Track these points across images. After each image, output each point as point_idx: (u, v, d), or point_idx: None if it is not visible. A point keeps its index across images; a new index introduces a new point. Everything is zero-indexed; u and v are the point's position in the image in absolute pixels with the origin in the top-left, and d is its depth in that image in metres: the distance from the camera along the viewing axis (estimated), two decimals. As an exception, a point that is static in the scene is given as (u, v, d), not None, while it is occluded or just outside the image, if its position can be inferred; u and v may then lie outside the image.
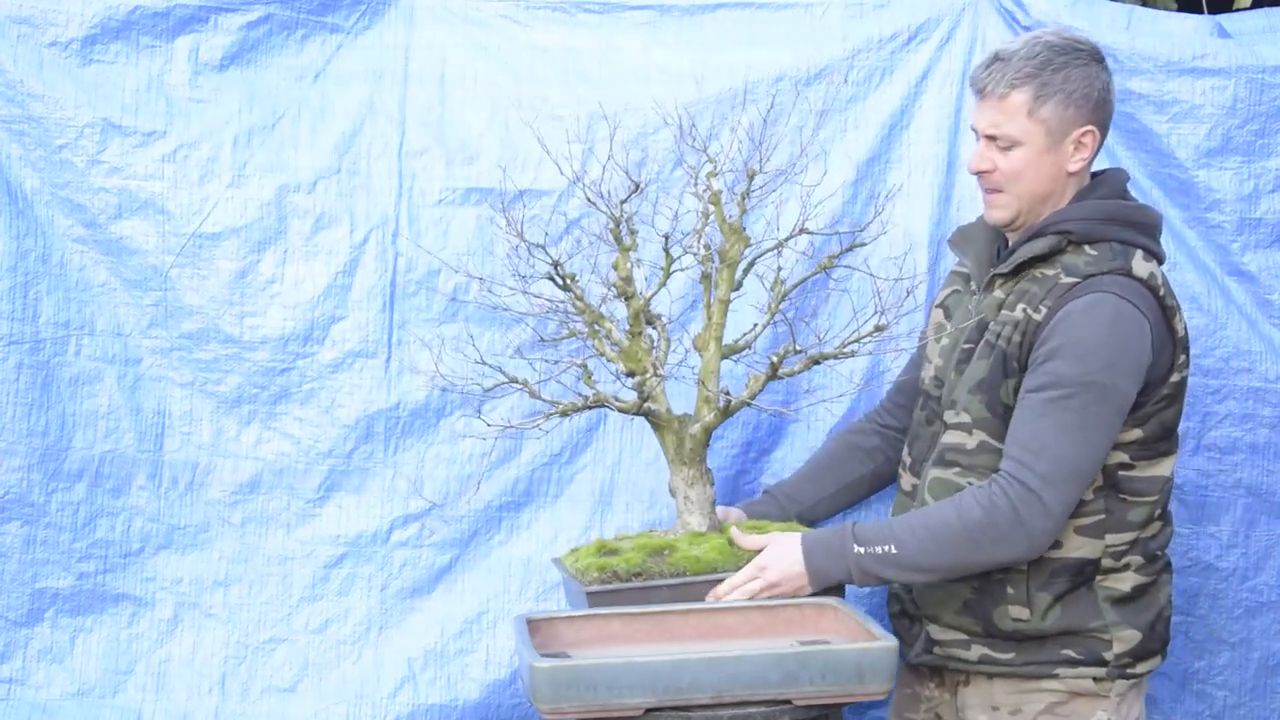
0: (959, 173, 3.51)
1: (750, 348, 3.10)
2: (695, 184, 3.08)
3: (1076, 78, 2.87)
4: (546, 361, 3.13)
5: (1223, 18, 3.62)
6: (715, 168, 3.08)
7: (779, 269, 3.09)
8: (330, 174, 3.50)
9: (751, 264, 3.10)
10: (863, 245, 3.15)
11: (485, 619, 3.45)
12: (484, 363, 3.07)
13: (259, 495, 3.47)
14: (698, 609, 2.86)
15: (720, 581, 2.92)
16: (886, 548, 2.83)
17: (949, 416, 2.96)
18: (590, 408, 3.04)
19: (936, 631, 2.99)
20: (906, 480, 3.08)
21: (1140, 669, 2.93)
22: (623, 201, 3.07)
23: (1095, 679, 2.90)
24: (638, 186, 3.08)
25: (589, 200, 3.10)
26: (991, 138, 2.91)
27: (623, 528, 3.47)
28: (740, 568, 2.93)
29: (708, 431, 3.03)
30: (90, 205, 3.45)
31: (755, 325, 3.10)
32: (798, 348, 3.00)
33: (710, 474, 3.06)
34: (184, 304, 3.47)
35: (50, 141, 3.44)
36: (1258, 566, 3.49)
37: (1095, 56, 2.92)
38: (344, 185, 3.50)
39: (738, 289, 3.07)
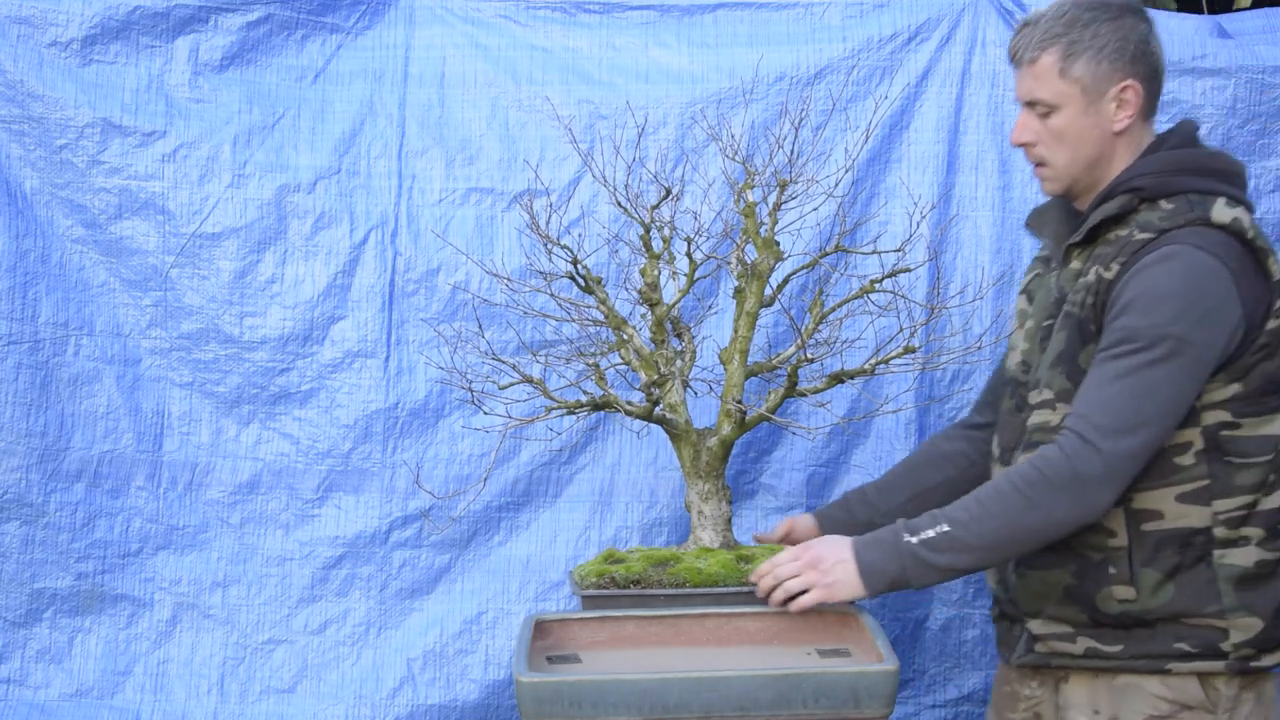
0: (959, 173, 3.51)
1: (782, 368, 3.02)
2: (736, 200, 3.03)
3: (1107, 32, 2.73)
4: (556, 358, 3.12)
5: (1223, 18, 3.62)
6: (751, 179, 3.02)
7: (820, 292, 3.02)
8: (330, 174, 3.50)
9: (786, 281, 3.07)
10: (908, 270, 3.08)
11: (484, 619, 3.45)
12: (500, 359, 3.05)
13: (258, 496, 3.47)
14: (714, 613, 2.79)
15: (722, 596, 2.84)
16: (939, 528, 2.66)
17: (1033, 397, 2.80)
18: (600, 408, 2.99)
19: (1038, 627, 2.80)
20: (996, 471, 2.92)
21: (1265, 661, 2.71)
22: (654, 207, 3.04)
23: (1210, 674, 2.70)
24: (668, 192, 3.04)
25: (619, 205, 3.07)
26: (1030, 105, 2.79)
27: (622, 528, 3.47)
28: (744, 581, 2.84)
29: (726, 445, 2.95)
30: (90, 205, 3.45)
31: (789, 346, 3.02)
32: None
33: (728, 490, 2.99)
34: (184, 304, 3.47)
35: (50, 141, 3.44)
36: (1258, 567, 3.48)
37: (1129, 9, 2.77)
38: (344, 185, 3.51)
39: (768, 305, 3.02)
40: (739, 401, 2.94)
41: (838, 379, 2.99)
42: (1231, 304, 2.64)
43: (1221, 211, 2.67)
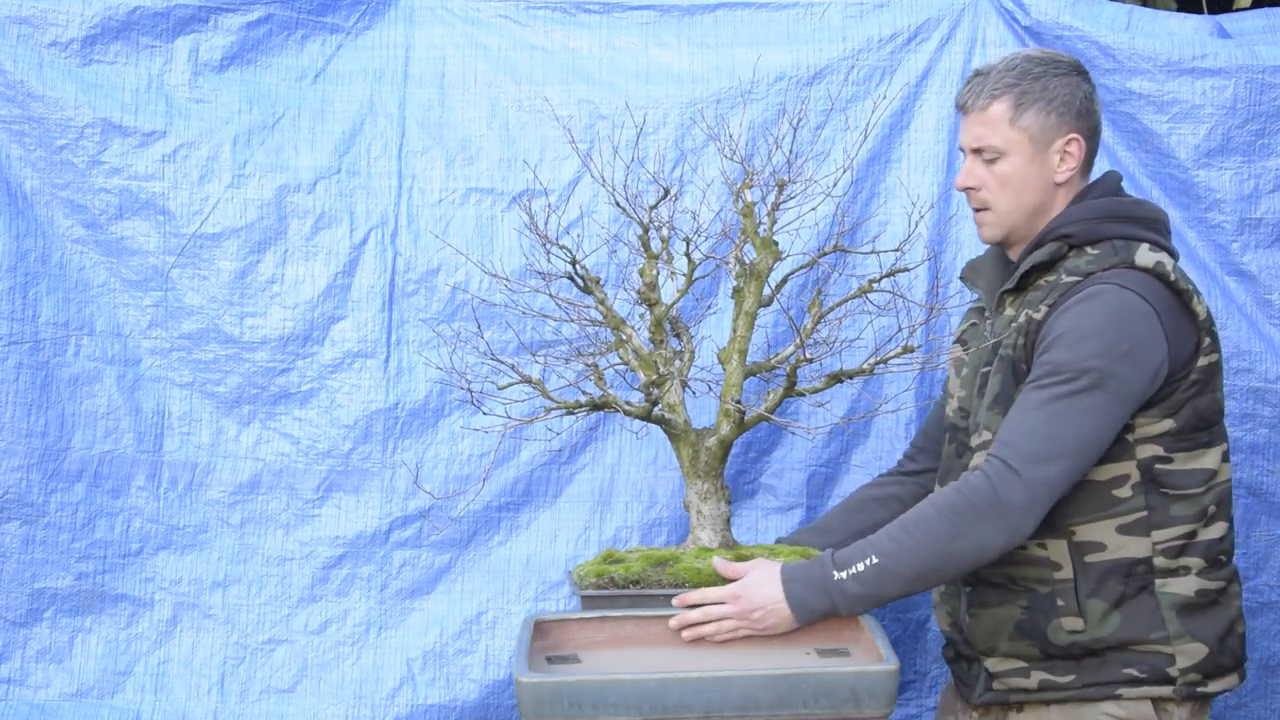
0: (958, 173, 3.50)
1: (781, 368, 3.01)
2: (735, 200, 3.03)
3: (1056, 86, 2.86)
4: (555, 358, 3.12)
5: (1223, 18, 3.62)
6: (750, 179, 3.02)
7: (819, 292, 3.03)
8: (330, 174, 3.50)
9: (784, 281, 3.07)
10: (906, 270, 3.08)
11: (484, 619, 3.45)
12: (499, 360, 3.05)
13: (258, 496, 3.47)
14: None
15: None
16: (867, 561, 2.69)
17: (973, 440, 2.90)
18: (599, 408, 2.99)
19: (994, 664, 2.87)
20: None
21: (1212, 688, 2.80)
22: (652, 207, 3.04)
23: (1161, 699, 2.78)
24: (666, 192, 3.04)
25: (618, 205, 3.07)
26: (977, 151, 2.90)
27: (622, 528, 3.47)
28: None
29: (724, 445, 2.95)
30: (90, 205, 3.45)
31: (788, 346, 3.02)
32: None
33: (727, 490, 2.99)
34: (184, 304, 3.47)
35: (50, 141, 3.44)
36: (1258, 567, 3.48)
37: (1076, 69, 2.91)
38: (344, 185, 3.51)
39: (767, 304, 3.02)
40: (738, 401, 2.94)
41: (837, 379, 2.99)
42: (1156, 341, 2.73)
43: (1145, 256, 2.78)
